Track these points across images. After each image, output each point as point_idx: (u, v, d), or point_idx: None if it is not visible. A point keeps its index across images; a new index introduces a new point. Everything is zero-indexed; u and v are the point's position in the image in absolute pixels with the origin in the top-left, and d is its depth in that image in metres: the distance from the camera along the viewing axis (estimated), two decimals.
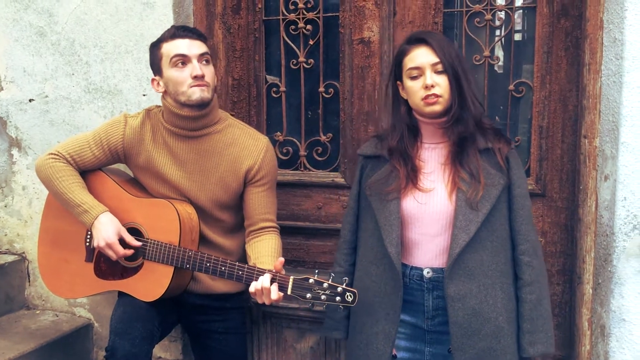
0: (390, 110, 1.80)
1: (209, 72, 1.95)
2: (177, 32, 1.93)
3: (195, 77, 1.90)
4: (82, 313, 2.62)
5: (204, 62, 1.94)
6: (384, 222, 1.72)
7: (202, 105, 1.94)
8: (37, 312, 2.67)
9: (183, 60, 1.91)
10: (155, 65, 1.98)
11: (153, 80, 2.01)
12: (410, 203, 1.71)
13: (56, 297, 2.63)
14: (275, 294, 1.73)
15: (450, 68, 1.64)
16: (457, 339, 1.66)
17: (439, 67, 1.64)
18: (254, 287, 1.76)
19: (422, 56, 1.66)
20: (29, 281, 2.70)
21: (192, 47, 1.92)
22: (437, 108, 1.65)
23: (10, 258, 2.67)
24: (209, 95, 1.94)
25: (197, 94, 1.91)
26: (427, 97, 1.64)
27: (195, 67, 1.90)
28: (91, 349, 2.60)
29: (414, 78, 1.67)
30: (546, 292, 1.72)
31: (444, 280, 1.68)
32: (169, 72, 1.93)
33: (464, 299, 1.65)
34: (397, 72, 1.74)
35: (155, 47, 1.98)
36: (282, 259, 1.80)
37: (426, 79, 1.64)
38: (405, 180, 1.71)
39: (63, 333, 2.46)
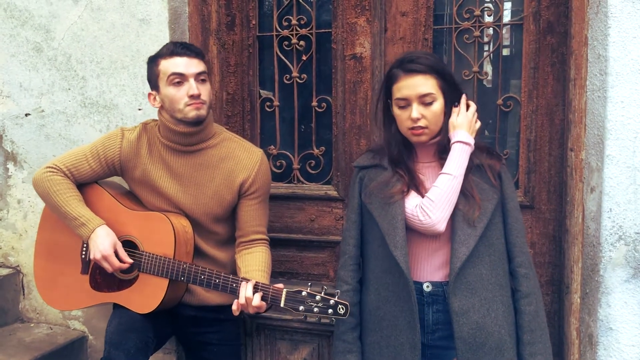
0: (382, 127, 1.82)
1: (205, 90, 1.97)
2: (176, 49, 1.95)
3: (192, 97, 1.92)
4: (76, 326, 2.63)
5: (201, 81, 1.96)
6: (388, 226, 1.69)
7: (198, 122, 1.97)
8: (32, 325, 2.68)
9: (180, 79, 1.93)
10: (153, 81, 2.00)
11: (150, 94, 2.02)
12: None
13: (51, 310, 2.64)
14: (257, 301, 1.78)
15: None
16: (463, 354, 1.66)
17: (427, 99, 1.66)
18: (239, 300, 1.80)
19: (410, 88, 1.67)
20: (24, 294, 2.71)
21: (189, 66, 1.93)
22: (423, 138, 1.70)
23: (4, 271, 2.68)
24: (204, 113, 1.97)
25: (193, 112, 1.94)
26: (413, 128, 1.68)
27: (192, 87, 1.92)
28: None
29: (401, 107, 1.70)
30: (541, 303, 1.74)
31: (446, 294, 1.69)
32: (166, 89, 1.95)
33: (467, 314, 1.66)
34: (386, 93, 1.76)
35: (153, 63, 1.99)
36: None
37: (412, 112, 1.66)
38: (407, 186, 1.71)
39: (58, 346, 2.47)
